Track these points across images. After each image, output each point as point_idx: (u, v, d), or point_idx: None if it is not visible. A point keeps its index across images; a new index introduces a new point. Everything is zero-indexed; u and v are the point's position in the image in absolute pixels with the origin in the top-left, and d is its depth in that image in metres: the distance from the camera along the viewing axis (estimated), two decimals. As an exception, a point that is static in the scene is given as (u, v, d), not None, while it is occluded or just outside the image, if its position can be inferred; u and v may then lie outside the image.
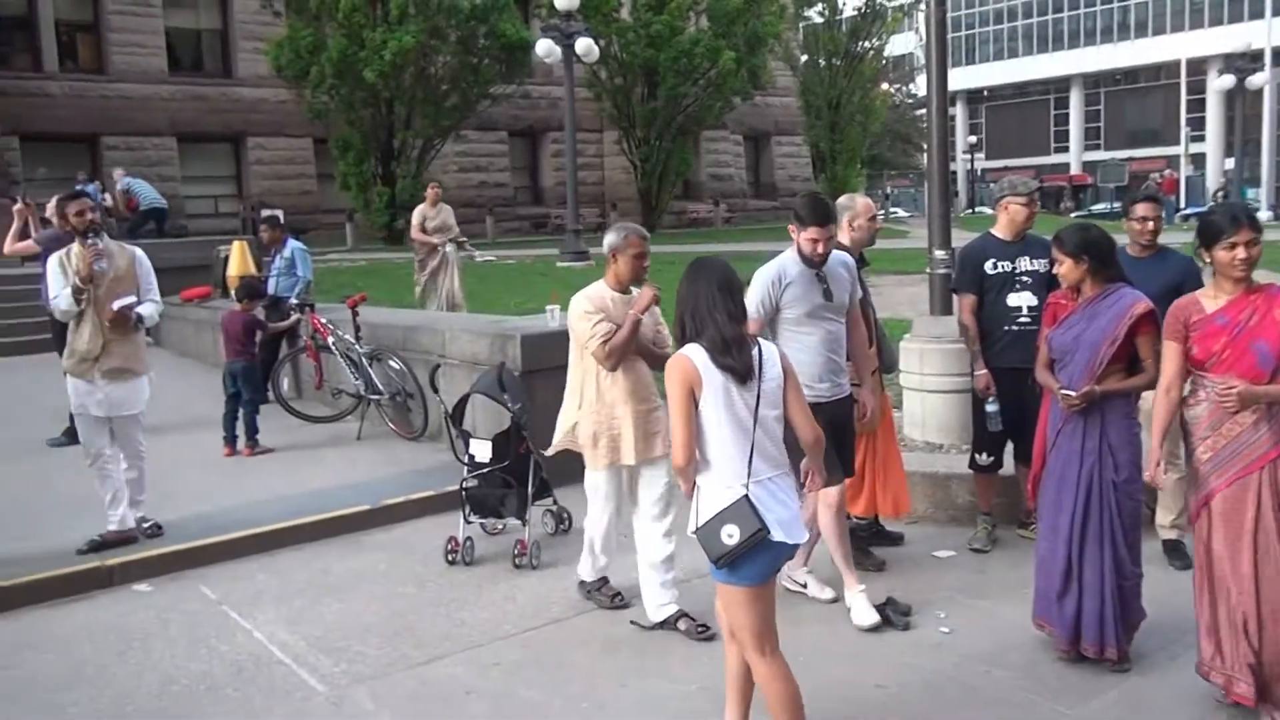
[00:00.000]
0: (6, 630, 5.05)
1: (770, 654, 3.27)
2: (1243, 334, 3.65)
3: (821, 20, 38.87)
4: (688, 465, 3.25)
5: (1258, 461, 3.64)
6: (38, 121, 28.29)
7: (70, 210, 5.99)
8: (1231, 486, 3.67)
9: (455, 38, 27.09)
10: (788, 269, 4.59)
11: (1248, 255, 3.68)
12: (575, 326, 4.69)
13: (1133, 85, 65.95)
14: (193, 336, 13.33)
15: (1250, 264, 3.72)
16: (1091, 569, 4.14)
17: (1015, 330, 5.37)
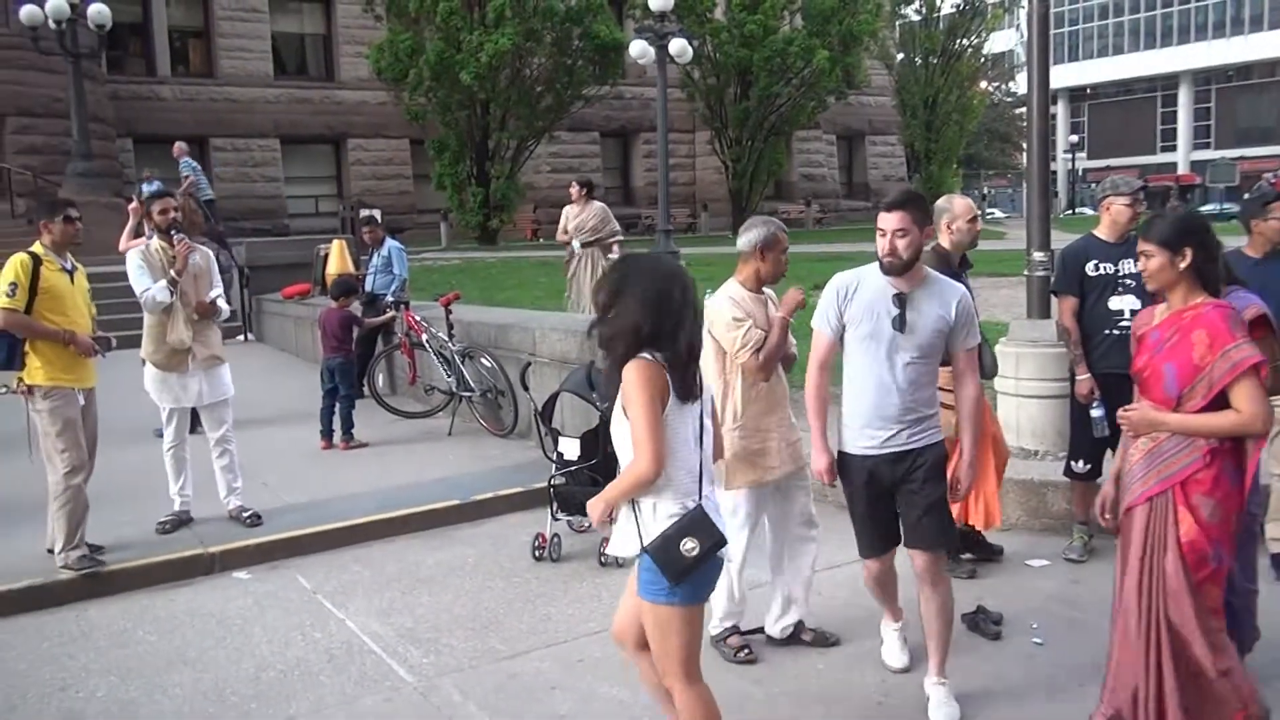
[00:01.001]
0: (116, 611, 5.26)
1: (699, 679, 3.13)
2: (1160, 353, 3.31)
3: (919, 18, 38.36)
4: (658, 478, 2.95)
5: (1140, 497, 3.34)
6: (150, 124, 29.44)
7: (155, 209, 6.22)
8: (1129, 511, 3.39)
9: (550, 40, 27.39)
10: (865, 277, 3.86)
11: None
12: (721, 335, 4.28)
13: (1245, 81, 63.47)
14: (292, 332, 13.71)
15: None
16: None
17: (1117, 334, 5.20)
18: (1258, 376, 3.12)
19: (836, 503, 6.43)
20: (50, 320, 5.41)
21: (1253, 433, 3.15)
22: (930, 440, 3.82)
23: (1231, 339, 3.15)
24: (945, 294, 3.79)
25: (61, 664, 4.65)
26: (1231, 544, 3.25)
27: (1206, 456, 3.18)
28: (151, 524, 6.16)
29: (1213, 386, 3.14)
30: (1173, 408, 3.25)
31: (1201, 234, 3.32)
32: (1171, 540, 3.21)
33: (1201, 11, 64.60)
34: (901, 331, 3.73)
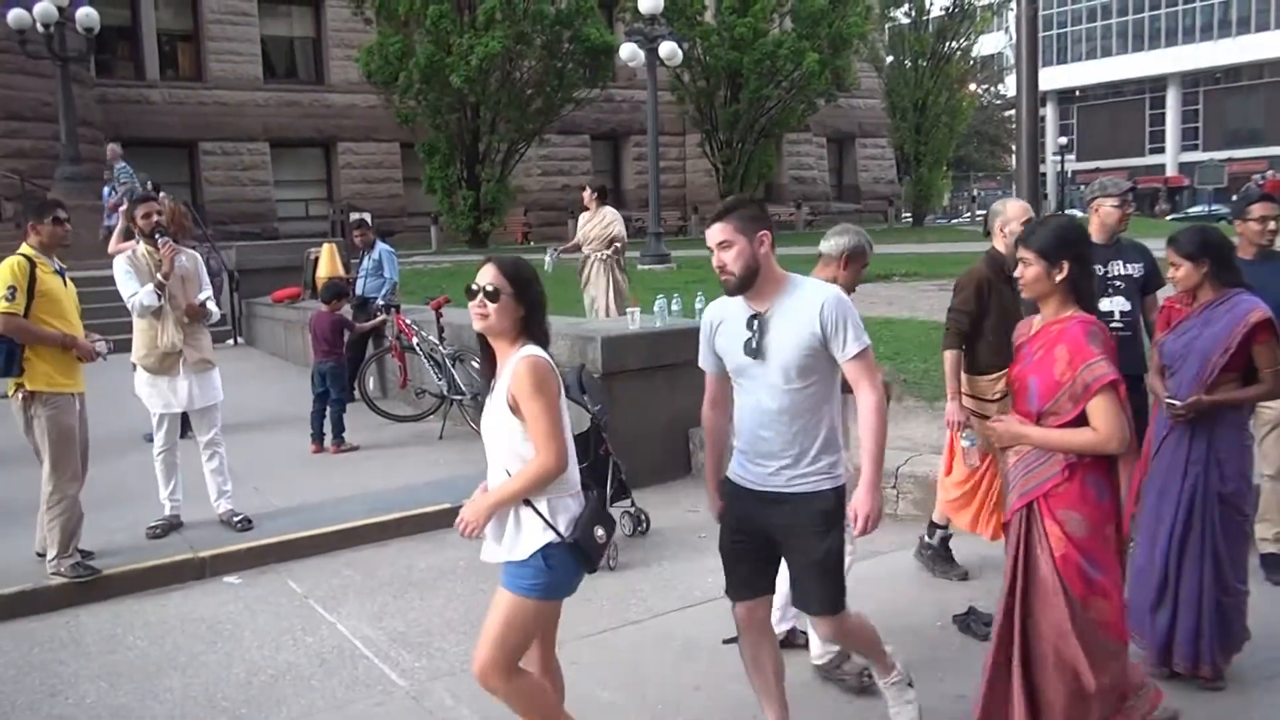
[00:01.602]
0: (107, 617, 5.23)
1: (519, 671, 3.24)
2: (1028, 366, 3.30)
3: (908, 20, 38.41)
4: (563, 473, 3.08)
5: (1010, 511, 3.34)
6: (139, 128, 29.35)
7: (138, 213, 6.20)
8: (1006, 523, 3.39)
9: (540, 43, 27.39)
10: (731, 303, 3.39)
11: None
12: None
13: (1234, 83, 63.78)
14: (283, 336, 13.68)
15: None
16: (1190, 583, 3.98)
17: None
18: (1115, 394, 3.07)
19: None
20: (48, 323, 5.37)
21: (1108, 451, 3.11)
22: (817, 486, 3.26)
23: (1089, 355, 3.10)
24: (809, 302, 3.23)
25: (52, 670, 4.63)
26: (1109, 555, 3.20)
27: (1065, 470, 3.16)
28: (141, 529, 6.14)
29: (1076, 402, 3.11)
30: (1035, 422, 3.22)
31: (1080, 246, 3.26)
32: (1044, 554, 3.19)
33: (1189, 14, 64.91)
34: (755, 358, 3.25)
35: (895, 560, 5.59)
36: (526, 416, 3.01)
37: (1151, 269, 5.26)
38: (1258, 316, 3.89)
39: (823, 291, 3.26)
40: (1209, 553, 3.96)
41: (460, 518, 3.17)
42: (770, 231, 3.26)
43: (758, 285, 3.24)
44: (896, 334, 10.90)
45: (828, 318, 3.18)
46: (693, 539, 6.04)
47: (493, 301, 3.09)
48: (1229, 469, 3.98)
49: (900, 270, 18.18)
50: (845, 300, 3.24)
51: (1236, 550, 4.03)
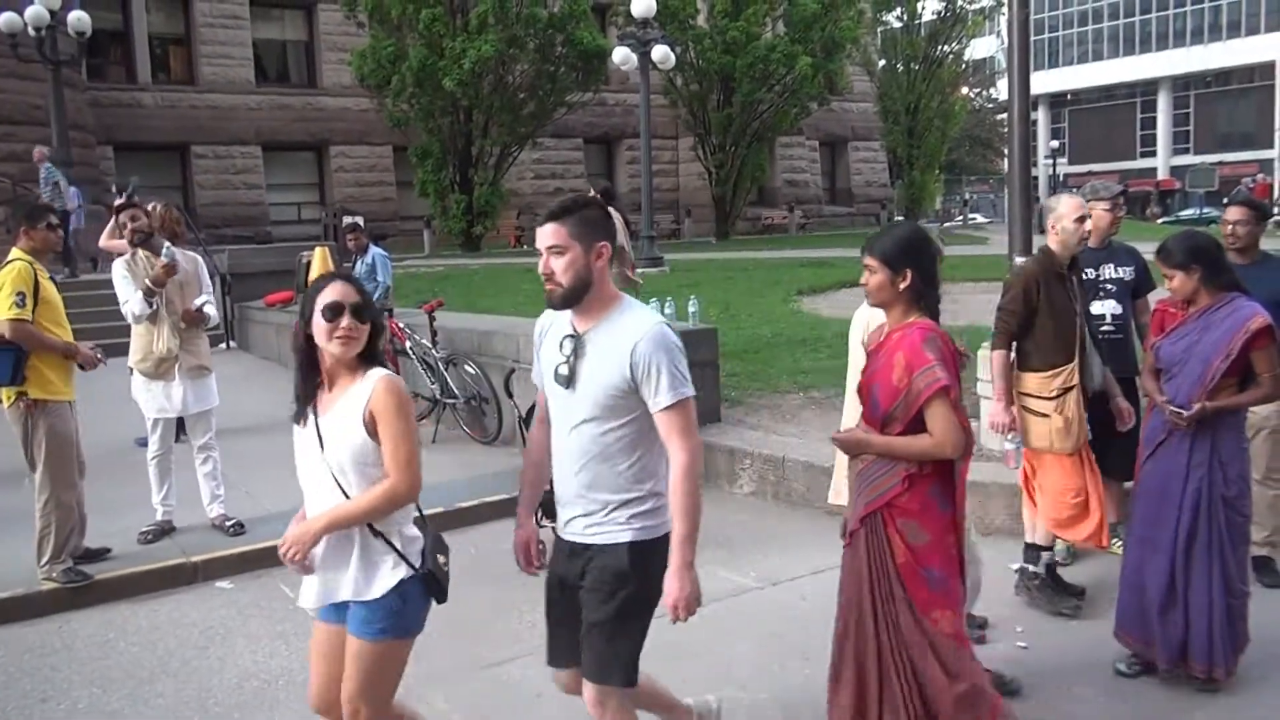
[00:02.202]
0: (99, 622, 5.21)
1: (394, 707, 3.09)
2: (872, 373, 3.27)
3: (900, 24, 38.51)
4: (413, 500, 2.97)
5: (854, 521, 3.31)
6: (130, 131, 29.32)
7: (124, 217, 6.19)
8: (854, 534, 3.34)
9: (533, 46, 27.42)
10: (560, 316, 2.99)
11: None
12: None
13: (1224, 87, 64.02)
14: (275, 340, 13.65)
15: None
16: (1200, 587, 3.97)
17: (1100, 338, 5.23)
18: (948, 400, 3.06)
19: (824, 508, 6.46)
20: (50, 330, 5.35)
21: (944, 455, 3.10)
22: (613, 538, 2.90)
23: (924, 361, 3.08)
24: (626, 336, 2.81)
25: (44, 675, 4.61)
26: (950, 564, 3.18)
27: (905, 480, 3.14)
28: (133, 534, 6.11)
29: (910, 409, 3.10)
30: (879, 430, 3.20)
31: (923, 255, 3.21)
32: (889, 564, 3.17)
33: (1180, 18, 65.15)
34: (565, 386, 2.90)
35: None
36: (388, 437, 2.85)
37: (1143, 272, 5.28)
38: (1259, 323, 3.91)
39: (642, 325, 2.82)
40: (1217, 556, 3.97)
41: (284, 540, 2.91)
42: (611, 243, 2.89)
43: (586, 302, 2.85)
44: (889, 337, 10.92)
45: (640, 359, 2.78)
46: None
47: (362, 322, 2.89)
48: (1231, 471, 3.99)
49: (893, 273, 18.19)
50: (667, 339, 2.81)
51: (1240, 552, 4.04)
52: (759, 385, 8.85)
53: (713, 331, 7.92)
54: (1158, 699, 4.00)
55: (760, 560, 5.70)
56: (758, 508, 6.69)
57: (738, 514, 6.57)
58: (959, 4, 37.74)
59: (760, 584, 5.34)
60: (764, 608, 5.07)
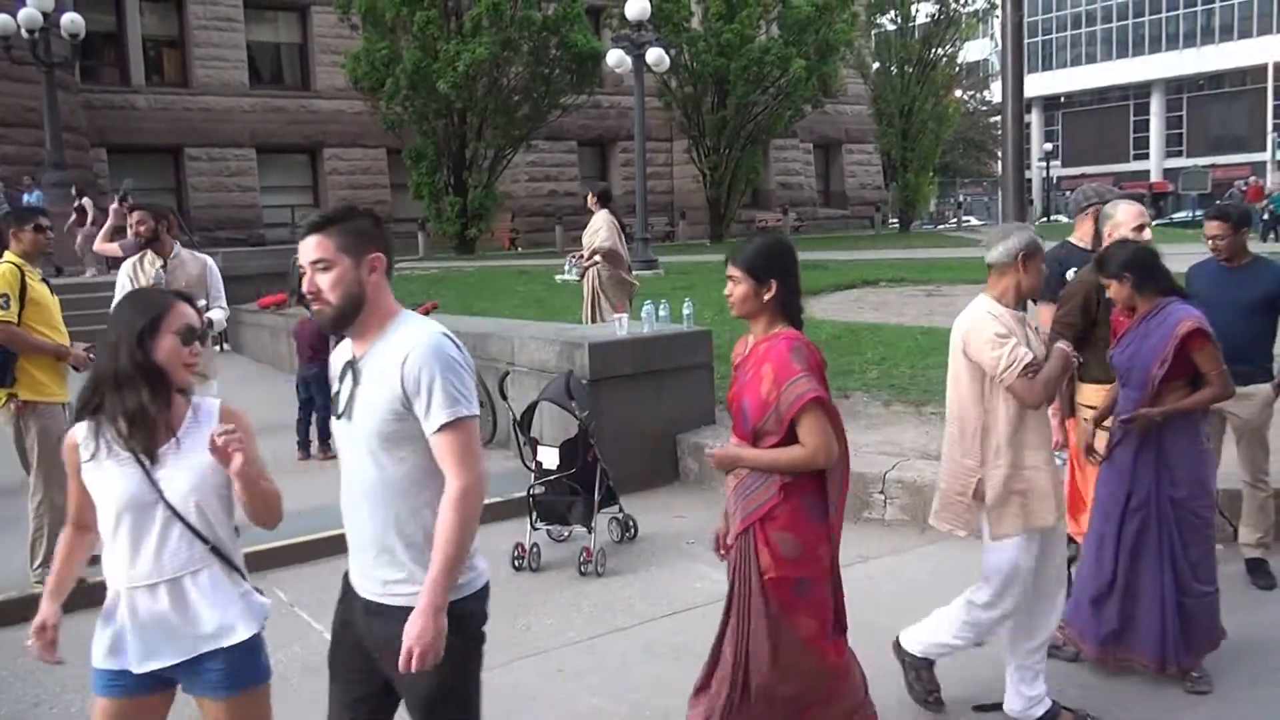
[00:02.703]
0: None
1: None
2: (741, 386, 3.20)
3: (894, 27, 38.56)
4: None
5: (732, 536, 3.22)
6: (124, 134, 29.29)
7: (132, 219, 6.20)
8: (730, 549, 3.26)
9: (528, 49, 27.43)
10: (347, 343, 2.69)
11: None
12: (981, 354, 3.65)
13: (1217, 90, 64.24)
14: (269, 343, 13.63)
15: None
16: (1150, 586, 4.05)
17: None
18: (820, 410, 3.04)
19: (816, 510, 6.47)
20: (39, 332, 5.33)
21: (816, 466, 3.07)
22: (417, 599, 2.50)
23: (792, 372, 3.04)
24: (397, 349, 2.50)
25: (37, 679, 4.59)
26: (820, 575, 3.16)
27: (781, 492, 3.10)
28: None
29: (782, 421, 3.06)
30: (751, 443, 3.15)
31: (787, 265, 3.18)
32: (755, 577, 3.12)
33: (1173, 21, 65.35)
34: (343, 417, 2.60)
35: (882, 565, 5.60)
36: (251, 456, 2.66)
37: None
38: (1186, 327, 3.97)
39: (414, 336, 2.51)
40: (1167, 556, 4.04)
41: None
42: (385, 254, 2.59)
43: (361, 322, 2.54)
44: (884, 339, 10.94)
45: (410, 373, 2.45)
46: (681, 545, 6.04)
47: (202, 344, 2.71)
48: (1179, 474, 4.05)
49: (887, 276, 18.24)
50: (443, 349, 2.50)
51: (1197, 552, 4.09)
52: (753, 388, 8.84)
53: (707, 333, 7.92)
54: (1149, 699, 4.00)
55: (755, 563, 5.69)
56: (752, 510, 6.68)
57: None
58: (953, 7, 37.79)
59: (755, 586, 5.35)
60: (758, 610, 5.07)
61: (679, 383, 7.50)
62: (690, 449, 7.34)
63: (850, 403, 8.23)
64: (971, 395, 3.72)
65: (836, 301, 15.56)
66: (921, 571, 5.46)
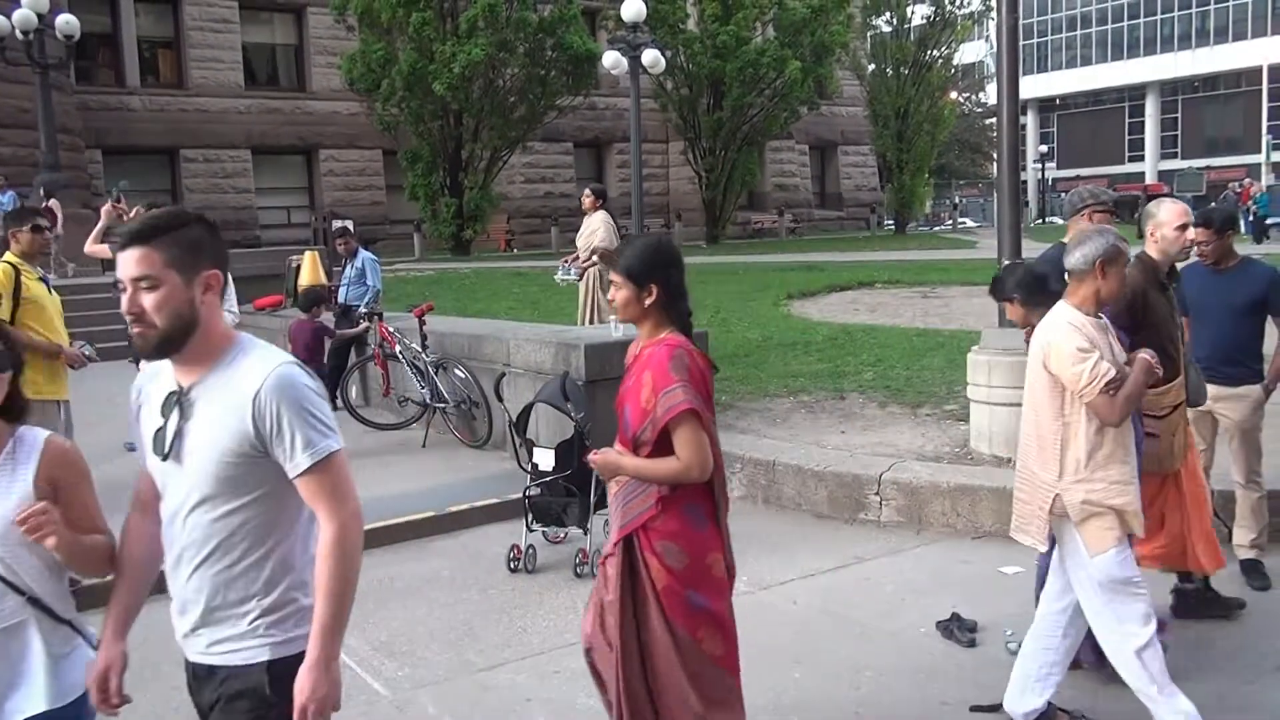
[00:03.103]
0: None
1: None
2: (625, 392, 3.12)
3: (890, 29, 38.62)
4: None
5: (611, 543, 3.14)
6: (119, 135, 29.24)
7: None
8: (608, 558, 3.17)
9: (523, 50, 27.43)
10: (164, 368, 2.33)
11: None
12: (1063, 369, 3.53)
13: (1212, 92, 64.38)
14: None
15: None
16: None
17: None
18: (695, 422, 2.93)
19: (813, 512, 6.48)
20: (34, 330, 5.35)
21: (690, 479, 2.97)
22: (250, 658, 2.27)
23: (669, 382, 2.96)
24: (245, 382, 2.18)
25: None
26: (712, 585, 3.07)
27: (658, 503, 3.02)
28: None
29: (656, 430, 2.97)
30: (632, 450, 3.07)
31: (669, 269, 3.11)
32: (648, 587, 3.03)
33: (1168, 23, 65.47)
34: (171, 459, 2.24)
35: (878, 566, 5.60)
36: (80, 501, 2.43)
37: None
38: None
39: (263, 367, 2.20)
40: None
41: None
42: (221, 269, 2.27)
43: (191, 348, 2.21)
44: (880, 341, 10.96)
45: (264, 409, 2.16)
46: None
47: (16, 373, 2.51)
48: None
49: (883, 277, 18.26)
50: (297, 382, 2.21)
51: None
52: (749, 389, 8.86)
53: (703, 335, 7.93)
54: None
55: (750, 564, 5.69)
56: (748, 511, 6.68)
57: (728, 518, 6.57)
58: (948, 9, 37.85)
59: (750, 588, 5.34)
60: (754, 611, 5.06)
61: (675, 384, 7.48)
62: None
63: (846, 404, 8.24)
64: (1051, 408, 3.61)
65: (832, 303, 15.57)
66: (919, 573, 5.46)
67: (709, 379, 3.08)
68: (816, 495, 6.52)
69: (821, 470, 6.53)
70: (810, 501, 6.55)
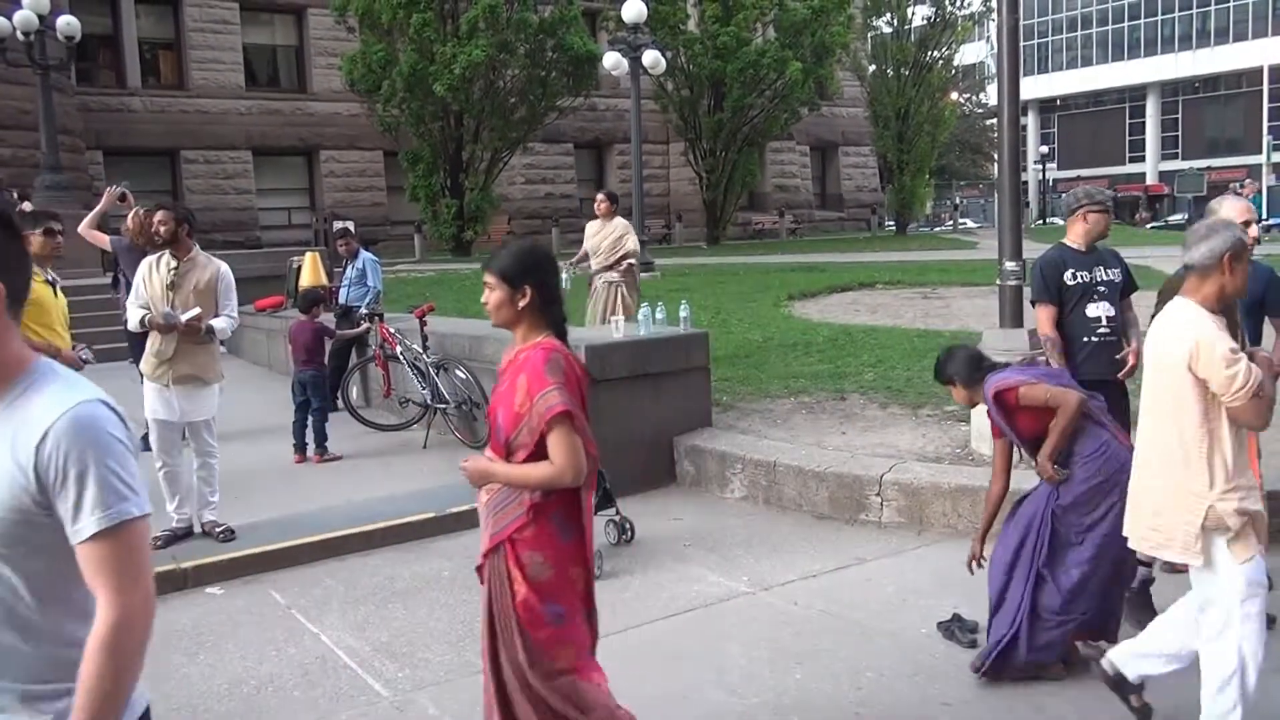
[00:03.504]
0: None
1: None
2: (498, 397, 3.08)
3: (890, 30, 38.61)
4: None
5: (480, 554, 3.09)
6: (120, 136, 29.25)
7: (157, 218, 6.20)
8: (479, 569, 3.13)
9: (524, 51, 27.42)
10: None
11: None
12: (1215, 373, 3.29)
13: (1212, 93, 64.39)
14: (265, 345, 13.62)
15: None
16: (1011, 600, 4.18)
17: (1096, 341, 5.27)
18: (570, 425, 2.90)
19: (814, 513, 6.48)
20: (35, 332, 5.36)
21: (564, 484, 2.93)
22: None
23: (544, 384, 2.92)
24: (36, 418, 1.75)
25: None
26: (573, 598, 3.03)
27: (529, 511, 2.97)
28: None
29: (533, 435, 2.93)
30: (505, 456, 3.02)
31: (543, 272, 3.08)
32: (508, 601, 2.98)
33: (1168, 24, 65.48)
34: None
35: (879, 567, 5.61)
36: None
37: (1127, 274, 5.36)
38: (991, 391, 4.24)
39: (56, 405, 1.75)
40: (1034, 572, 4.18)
41: None
42: (19, 278, 1.90)
43: None
44: (880, 342, 10.95)
45: (51, 457, 1.72)
46: (677, 547, 6.04)
47: None
48: (1071, 490, 4.15)
49: (884, 278, 18.26)
50: (99, 423, 1.76)
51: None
52: (750, 390, 8.86)
53: (704, 336, 7.93)
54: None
55: (752, 564, 5.70)
56: (749, 512, 6.69)
57: (728, 518, 6.58)
58: (948, 9, 37.85)
59: (752, 588, 5.35)
60: (755, 612, 5.07)
61: (676, 385, 7.50)
62: (687, 451, 7.34)
63: (847, 405, 8.24)
64: (1195, 414, 3.37)
65: (833, 304, 15.57)
66: (919, 574, 5.46)
67: (584, 385, 3.05)
68: (817, 496, 6.53)
69: (822, 471, 6.53)
70: (811, 502, 6.55)
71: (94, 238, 9.32)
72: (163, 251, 6.23)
